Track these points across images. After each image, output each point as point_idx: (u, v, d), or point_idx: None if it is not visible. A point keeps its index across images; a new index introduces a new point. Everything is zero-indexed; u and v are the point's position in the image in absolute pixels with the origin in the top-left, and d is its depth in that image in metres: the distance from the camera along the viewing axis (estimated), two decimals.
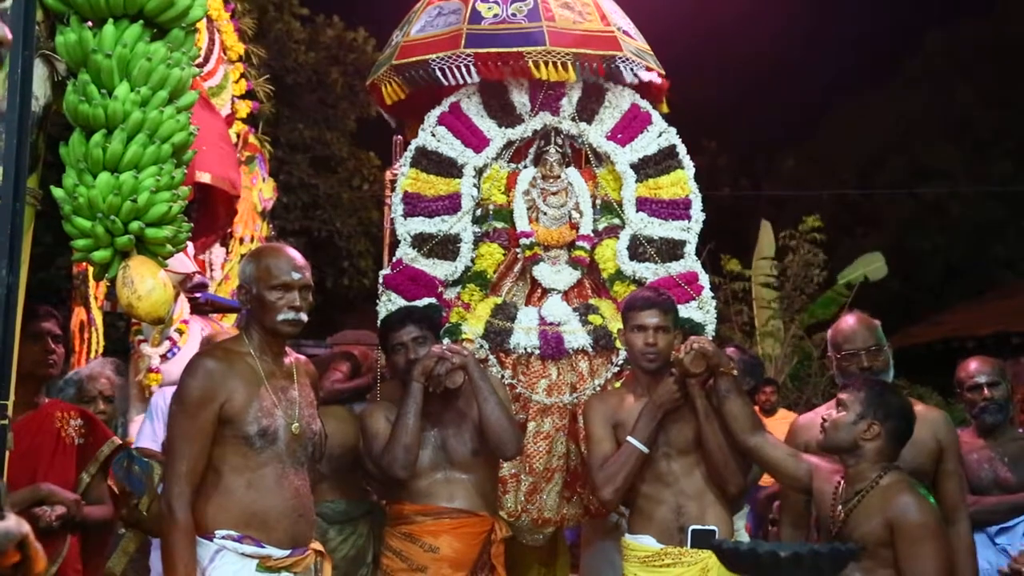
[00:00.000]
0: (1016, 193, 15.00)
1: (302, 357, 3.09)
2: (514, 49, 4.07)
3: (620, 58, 4.14)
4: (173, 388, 4.79)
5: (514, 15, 4.14)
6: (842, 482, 2.99)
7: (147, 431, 4.04)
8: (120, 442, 3.34)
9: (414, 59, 4.16)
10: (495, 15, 4.14)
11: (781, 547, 2.70)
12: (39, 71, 2.55)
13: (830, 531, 2.95)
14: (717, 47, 20.43)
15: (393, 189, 4.43)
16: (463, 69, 4.08)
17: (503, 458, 3.56)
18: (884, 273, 10.89)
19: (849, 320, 3.60)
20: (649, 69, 4.24)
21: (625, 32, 4.28)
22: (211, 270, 6.67)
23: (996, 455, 3.99)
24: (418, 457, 3.34)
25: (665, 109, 4.43)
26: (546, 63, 4.06)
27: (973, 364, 4.09)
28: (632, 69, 4.17)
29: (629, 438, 3.31)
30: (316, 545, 2.94)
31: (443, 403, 3.43)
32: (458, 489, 3.41)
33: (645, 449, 3.30)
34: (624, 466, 3.29)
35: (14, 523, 1.85)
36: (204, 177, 4.95)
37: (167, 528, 2.67)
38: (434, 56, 4.11)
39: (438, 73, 4.10)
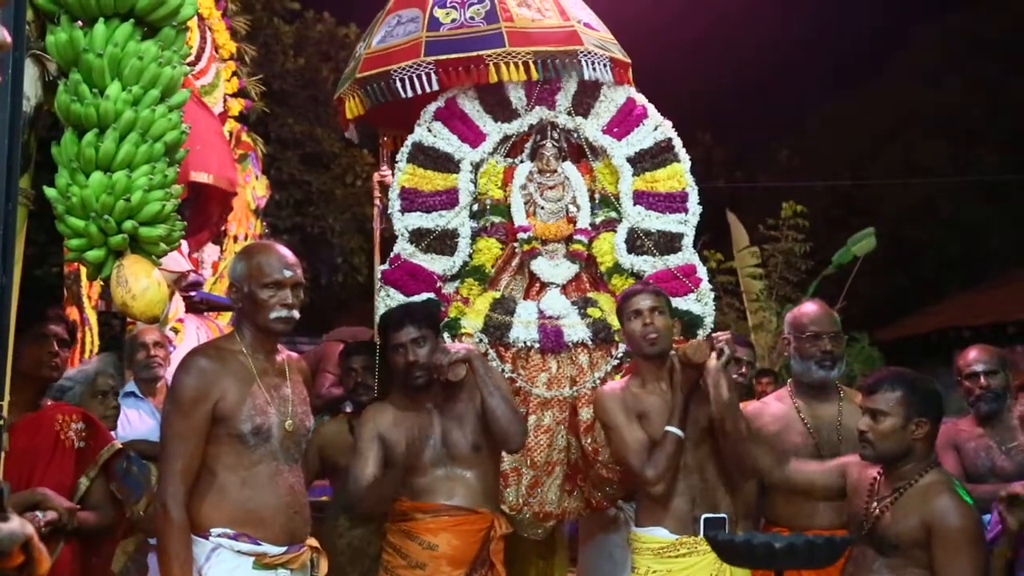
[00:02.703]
0: (1006, 185, 15.02)
1: (294, 354, 3.08)
2: (473, 53, 4.04)
3: (582, 52, 4.11)
4: None
5: (472, 18, 4.11)
6: (879, 478, 2.91)
7: None
8: (120, 445, 3.31)
9: (376, 71, 4.13)
10: (453, 20, 4.11)
11: (776, 538, 2.70)
12: (30, 71, 2.54)
13: (861, 526, 2.88)
14: (714, 42, 20.44)
15: (381, 192, 4.42)
16: (424, 78, 4.05)
17: (508, 451, 3.54)
18: (873, 247, 10.64)
19: (812, 305, 3.71)
20: (613, 59, 4.21)
21: (587, 24, 4.26)
22: (203, 269, 6.66)
23: (994, 443, 4.00)
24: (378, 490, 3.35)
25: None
26: (507, 64, 4.04)
27: (972, 352, 4.11)
28: (592, 66, 4.13)
29: (668, 427, 3.28)
30: (312, 541, 2.94)
31: (445, 398, 3.42)
32: (459, 486, 3.37)
33: (683, 435, 3.31)
34: (672, 457, 3.27)
35: (18, 524, 1.84)
36: (204, 177, 4.93)
37: (162, 527, 2.66)
38: (395, 67, 4.07)
39: (398, 85, 4.06)
